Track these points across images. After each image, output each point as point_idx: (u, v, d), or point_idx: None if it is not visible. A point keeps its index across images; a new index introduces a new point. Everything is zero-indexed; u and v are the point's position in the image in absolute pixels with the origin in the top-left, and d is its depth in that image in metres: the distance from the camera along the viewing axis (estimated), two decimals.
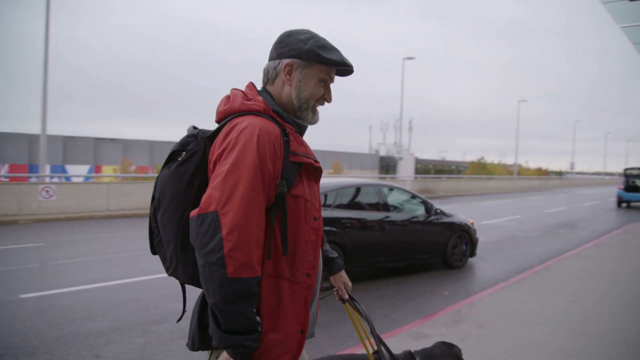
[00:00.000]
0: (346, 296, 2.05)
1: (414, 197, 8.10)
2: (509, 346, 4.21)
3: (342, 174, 35.37)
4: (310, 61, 1.58)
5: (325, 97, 1.67)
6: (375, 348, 1.99)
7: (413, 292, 6.32)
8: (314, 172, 1.60)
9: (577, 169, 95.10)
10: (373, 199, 7.17)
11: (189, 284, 1.57)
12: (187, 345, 1.58)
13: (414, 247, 7.48)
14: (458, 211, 18.64)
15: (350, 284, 2.06)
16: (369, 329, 1.96)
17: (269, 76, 1.63)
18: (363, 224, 6.74)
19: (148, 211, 1.67)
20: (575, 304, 5.59)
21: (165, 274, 1.63)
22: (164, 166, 1.56)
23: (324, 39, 1.61)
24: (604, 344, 4.32)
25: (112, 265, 7.54)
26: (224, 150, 1.44)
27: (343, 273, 2.04)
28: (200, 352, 1.59)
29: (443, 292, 6.38)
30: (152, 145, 43.00)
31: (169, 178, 1.50)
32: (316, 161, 1.60)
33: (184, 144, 1.54)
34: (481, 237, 10.70)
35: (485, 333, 4.53)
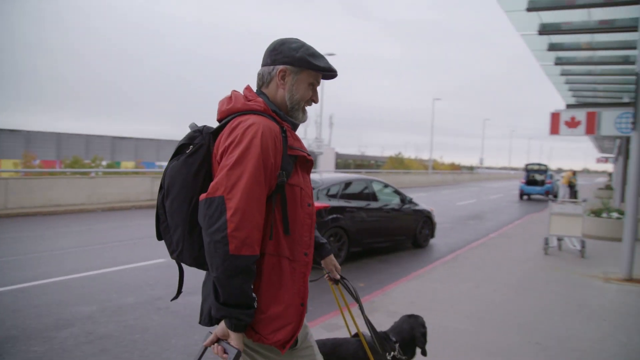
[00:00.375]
0: (338, 277, 2.31)
1: (391, 189, 9.42)
2: None
3: None
4: (301, 67, 1.78)
5: (313, 99, 1.88)
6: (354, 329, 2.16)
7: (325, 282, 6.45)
8: (307, 164, 1.81)
9: (486, 164, 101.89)
10: (366, 191, 8.56)
11: (192, 265, 1.74)
12: (200, 322, 1.75)
13: (395, 231, 8.95)
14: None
15: (339, 266, 2.34)
16: (359, 308, 2.24)
17: (264, 80, 1.82)
18: (362, 212, 8.06)
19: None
20: (479, 290, 6.01)
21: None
22: (172, 158, 1.71)
23: (312, 48, 1.81)
24: (498, 325, 4.69)
25: (9, 269, 6.95)
26: (230, 144, 1.62)
27: (332, 257, 2.32)
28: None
29: (359, 283, 6.57)
30: (59, 137, 40.08)
31: (179, 169, 1.66)
32: (309, 155, 1.80)
33: (191, 138, 1.71)
34: None
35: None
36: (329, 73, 1.83)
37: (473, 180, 54.03)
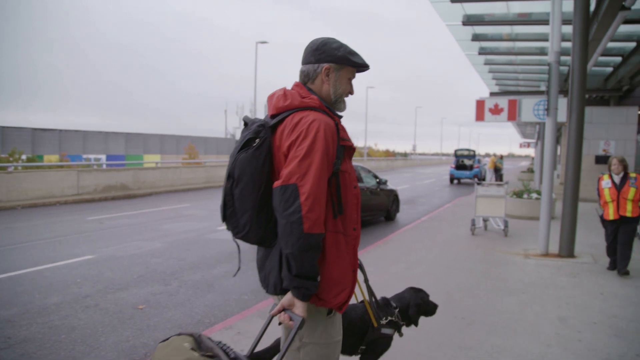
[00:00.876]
0: None
1: (371, 173, 11.29)
2: None
3: (199, 159, 34.28)
4: (342, 65, 2.00)
5: (351, 91, 2.11)
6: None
7: None
8: (350, 151, 2.02)
9: (419, 150, 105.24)
10: (356, 174, 9.50)
11: (255, 244, 1.98)
12: (267, 292, 1.99)
13: (375, 207, 10.85)
14: None
15: None
16: (363, 280, 2.39)
17: (309, 76, 2.02)
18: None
19: None
20: (409, 272, 6.25)
21: None
22: (240, 150, 1.88)
23: (349, 47, 2.04)
24: None
25: None
26: (297, 138, 1.82)
27: None
28: None
29: None
30: None
31: (249, 160, 1.85)
32: (352, 143, 2.03)
33: (256, 132, 1.90)
34: None
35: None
36: (365, 68, 2.08)
37: (406, 166, 55.70)
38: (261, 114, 58.99)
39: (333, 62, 1.99)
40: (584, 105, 7.45)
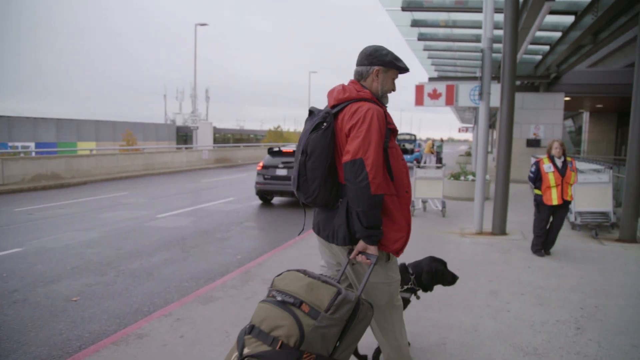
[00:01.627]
0: None
1: None
2: None
3: (137, 145, 33.07)
4: (389, 68, 2.53)
5: (393, 89, 2.61)
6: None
7: (202, 257, 6.36)
8: (395, 132, 2.53)
9: None
10: None
11: (320, 207, 2.48)
12: (336, 243, 2.41)
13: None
14: (254, 177, 19.29)
15: None
16: None
17: (363, 76, 2.54)
18: None
19: None
20: None
21: None
22: (311, 131, 2.37)
23: (394, 53, 2.55)
24: None
25: None
26: (356, 122, 2.31)
27: None
28: None
29: (236, 255, 6.58)
30: None
31: (319, 139, 2.35)
32: (396, 126, 2.52)
33: (324, 118, 2.39)
34: (276, 203, 11.30)
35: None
36: (406, 71, 2.61)
37: None
38: (202, 99, 57.46)
39: (382, 65, 2.51)
40: (515, 91, 7.81)
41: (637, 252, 6.53)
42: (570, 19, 10.90)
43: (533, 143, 16.99)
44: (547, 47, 14.16)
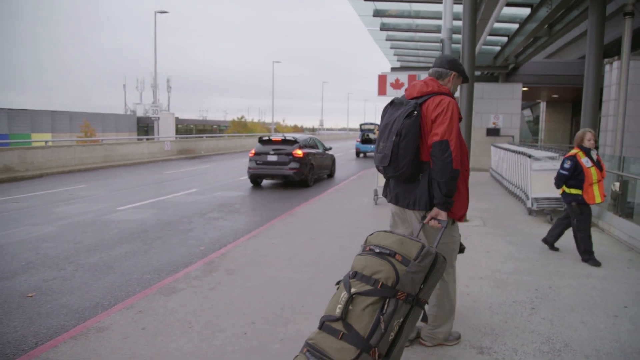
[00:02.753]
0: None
1: (321, 143, 15.22)
2: (255, 286, 4.59)
3: (96, 137, 32.04)
4: (460, 74, 3.24)
5: (455, 92, 3.29)
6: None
7: (165, 249, 6.27)
8: (460, 120, 3.10)
9: (327, 125, 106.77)
10: (313, 143, 14.39)
11: (404, 180, 3.06)
12: (419, 209, 3.03)
13: (325, 167, 15.10)
14: (218, 168, 19.04)
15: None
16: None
17: (441, 76, 3.21)
18: (315, 155, 13.98)
19: None
20: (314, 242, 6.39)
21: None
22: (405, 117, 2.92)
23: (462, 65, 3.32)
24: (330, 271, 5.08)
25: None
26: (441, 111, 2.93)
27: None
28: None
29: (200, 247, 6.51)
30: None
31: (412, 125, 2.91)
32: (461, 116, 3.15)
33: (414, 107, 2.95)
34: (241, 192, 11.21)
35: (234, 278, 4.83)
36: (467, 81, 3.38)
37: None
38: (163, 89, 56.15)
39: (457, 71, 3.24)
40: (474, 81, 7.99)
41: (594, 236, 6.82)
42: (526, 11, 11.20)
43: (493, 132, 17.44)
44: (505, 39, 14.51)
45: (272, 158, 12.96)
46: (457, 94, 8.36)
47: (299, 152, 13.00)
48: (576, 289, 4.58)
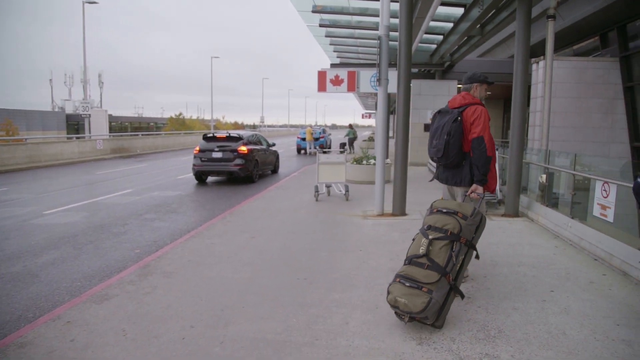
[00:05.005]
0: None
1: (264, 139, 15.50)
2: (193, 288, 4.44)
3: (20, 135, 29.99)
4: (482, 83, 4.41)
5: (485, 95, 4.45)
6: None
7: (97, 253, 5.95)
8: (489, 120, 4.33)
9: (268, 122, 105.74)
10: (256, 140, 14.56)
11: (450, 166, 4.34)
12: (463, 185, 4.32)
13: (269, 163, 15.41)
14: (155, 167, 18.41)
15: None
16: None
17: (469, 89, 4.41)
18: (259, 151, 14.22)
19: None
20: (255, 240, 6.29)
21: None
22: (453, 122, 4.17)
23: (481, 73, 4.46)
24: (271, 269, 5.02)
25: None
26: (476, 117, 4.16)
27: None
28: None
29: (135, 249, 6.23)
30: None
31: (458, 126, 4.14)
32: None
33: (459, 114, 4.18)
34: (179, 192, 10.88)
35: (171, 281, 4.65)
36: (491, 83, 4.48)
37: None
38: (95, 84, 53.36)
39: (479, 82, 4.42)
40: (410, 77, 8.15)
41: (519, 225, 7.17)
42: (460, 11, 11.57)
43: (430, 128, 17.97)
44: (440, 37, 14.94)
45: (217, 155, 13.10)
46: (394, 90, 8.50)
47: (243, 149, 13.11)
48: (508, 277, 4.78)
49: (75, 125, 47.28)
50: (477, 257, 3.92)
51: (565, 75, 13.13)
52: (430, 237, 3.58)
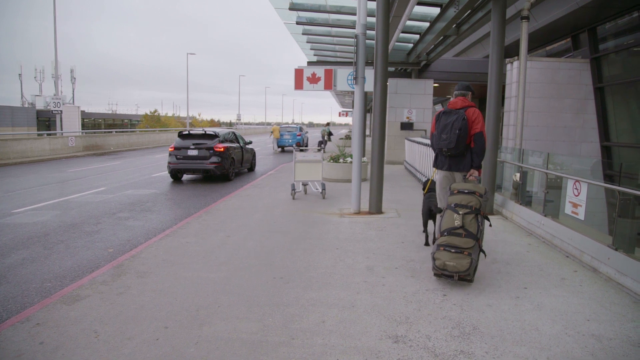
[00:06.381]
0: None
1: (241, 137, 15.28)
2: (168, 288, 4.37)
3: None
4: (470, 92, 5.42)
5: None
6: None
7: (68, 253, 5.81)
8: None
9: (245, 119, 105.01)
10: (233, 137, 14.50)
11: (459, 155, 5.23)
12: (465, 170, 5.23)
13: (246, 161, 15.26)
14: (129, 165, 18.09)
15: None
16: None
17: (465, 95, 5.35)
18: (236, 149, 14.03)
19: None
20: (231, 239, 6.23)
21: None
22: (462, 120, 5.10)
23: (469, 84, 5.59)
24: (247, 269, 4.98)
25: None
26: (476, 117, 5.14)
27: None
28: None
29: (108, 249, 6.10)
30: None
31: (465, 124, 5.08)
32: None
33: (465, 115, 5.12)
34: (154, 190, 10.73)
35: (145, 281, 4.57)
36: (474, 93, 5.49)
37: None
38: (67, 80, 52.01)
39: (469, 91, 5.36)
40: (387, 76, 8.18)
41: (494, 223, 7.22)
42: (436, 10, 11.67)
43: (406, 126, 18.09)
44: (417, 36, 15.06)
45: (193, 152, 12.97)
46: (371, 89, 8.53)
47: (220, 147, 13.00)
48: (483, 273, 4.84)
49: (46, 121, 46.01)
50: (490, 225, 5.31)
51: (539, 75, 13.39)
52: (461, 212, 4.57)
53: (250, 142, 16.05)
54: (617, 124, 12.91)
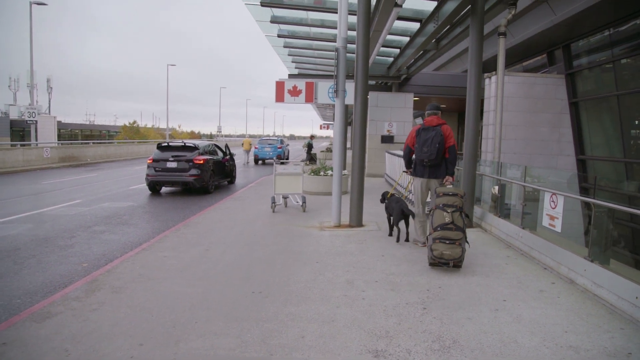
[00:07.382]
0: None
1: (221, 149, 15.12)
2: (143, 304, 4.26)
3: None
4: (440, 111, 6.59)
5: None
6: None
7: (40, 268, 5.64)
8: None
9: (225, 131, 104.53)
10: (213, 150, 14.35)
11: (434, 165, 6.32)
12: (441, 177, 6.37)
13: (227, 173, 15.20)
14: (106, 177, 17.80)
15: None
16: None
17: (437, 114, 6.44)
18: (216, 161, 13.99)
19: None
20: (209, 253, 6.13)
21: None
22: (440, 135, 6.26)
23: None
24: (225, 283, 4.89)
25: None
26: (449, 133, 6.32)
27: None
28: None
29: (82, 264, 5.94)
30: None
31: (440, 139, 6.22)
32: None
33: (441, 131, 6.28)
34: (132, 203, 10.55)
35: (120, 297, 4.45)
36: (440, 112, 6.64)
37: None
38: (43, 89, 51.08)
39: (439, 110, 6.45)
40: (367, 89, 8.23)
41: (473, 236, 7.28)
42: (416, 25, 11.85)
43: (387, 139, 18.20)
44: (397, 50, 15.25)
45: (172, 165, 12.78)
46: (351, 102, 8.56)
47: (199, 159, 12.84)
48: (463, 287, 4.85)
49: (20, 131, 44.95)
50: (469, 223, 7.11)
51: (516, 89, 13.65)
52: (449, 211, 5.48)
53: (233, 155, 15.99)
54: (592, 138, 13.22)
